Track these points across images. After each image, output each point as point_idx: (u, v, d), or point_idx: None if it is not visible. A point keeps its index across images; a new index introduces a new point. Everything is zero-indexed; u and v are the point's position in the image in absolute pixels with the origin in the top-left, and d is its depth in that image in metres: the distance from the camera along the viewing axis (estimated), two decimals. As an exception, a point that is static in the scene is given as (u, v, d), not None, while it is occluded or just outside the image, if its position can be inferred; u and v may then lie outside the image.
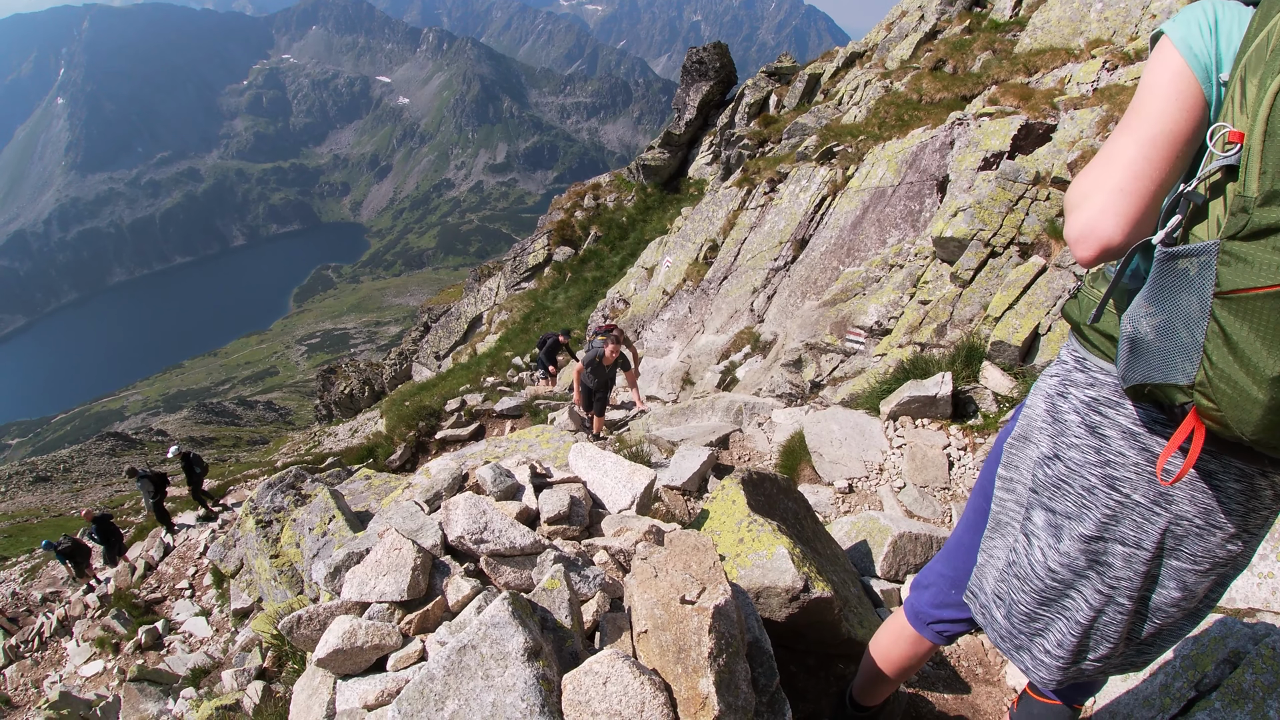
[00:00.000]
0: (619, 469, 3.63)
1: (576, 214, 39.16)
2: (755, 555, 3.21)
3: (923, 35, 25.35)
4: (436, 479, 3.34)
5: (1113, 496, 2.01)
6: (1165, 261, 1.69)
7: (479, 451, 4.43)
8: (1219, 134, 1.65)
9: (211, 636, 13.88)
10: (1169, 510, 1.97)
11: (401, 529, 2.75)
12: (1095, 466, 2.02)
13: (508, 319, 34.65)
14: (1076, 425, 2.05)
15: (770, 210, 20.31)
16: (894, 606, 4.53)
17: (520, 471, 3.34)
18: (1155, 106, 1.78)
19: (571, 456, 3.80)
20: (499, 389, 20.41)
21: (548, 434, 4.49)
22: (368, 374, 52.20)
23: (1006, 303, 9.13)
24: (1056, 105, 14.17)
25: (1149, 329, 1.74)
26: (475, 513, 2.73)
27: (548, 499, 3.15)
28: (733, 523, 3.47)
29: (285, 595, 5.30)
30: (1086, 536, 2.06)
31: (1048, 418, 2.14)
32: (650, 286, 25.36)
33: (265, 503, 6.43)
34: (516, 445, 4.41)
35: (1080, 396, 2.05)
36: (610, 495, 3.55)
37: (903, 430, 8.20)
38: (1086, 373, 2.05)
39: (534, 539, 2.71)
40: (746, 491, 3.64)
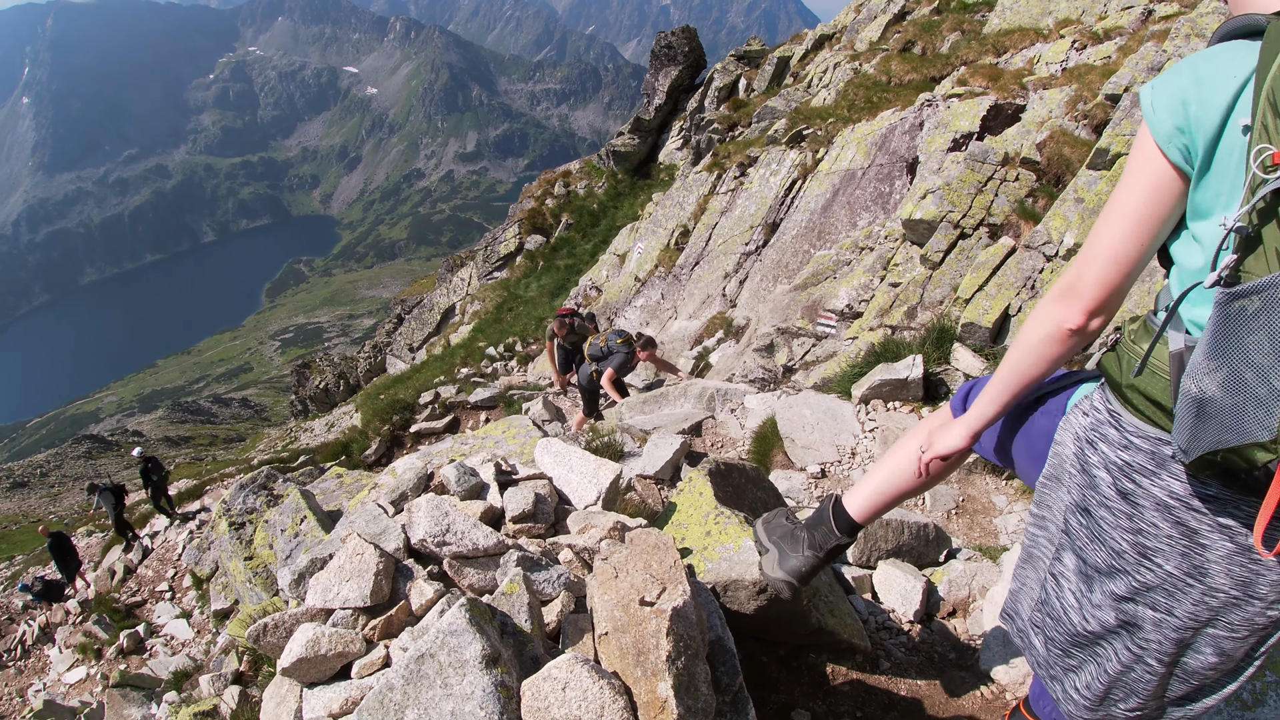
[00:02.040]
0: (584, 464, 3.60)
1: (547, 202, 39.02)
2: (722, 548, 3.20)
3: (892, 16, 25.36)
4: (402, 479, 3.31)
5: (1144, 564, 1.94)
6: (1226, 304, 1.60)
7: (445, 449, 4.40)
8: (1261, 156, 1.59)
9: (193, 638, 13.86)
10: (1202, 583, 1.90)
11: (364, 533, 2.72)
12: (1127, 533, 1.95)
13: (481, 309, 34.54)
14: (1107, 487, 1.98)
15: (741, 194, 20.30)
16: (865, 593, 4.53)
17: (485, 469, 3.31)
18: (1130, 202, 1.88)
19: (537, 452, 3.77)
20: (473, 380, 20.34)
21: (514, 429, 4.46)
22: (342, 368, 51.95)
23: (976, 284, 9.16)
24: (1025, 85, 14.21)
25: (1215, 386, 1.62)
26: (437, 515, 2.70)
27: (512, 497, 3.13)
28: (700, 515, 3.45)
29: (261, 597, 5.27)
30: (1117, 595, 2.00)
31: (1077, 465, 2.07)
32: (622, 273, 25.32)
33: (238, 504, 6.38)
34: (483, 442, 4.38)
35: (1113, 457, 1.97)
36: (576, 491, 3.52)
37: (874, 414, 8.23)
38: (1121, 431, 1.96)
39: (497, 539, 2.68)
40: (714, 483, 3.63)
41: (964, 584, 4.61)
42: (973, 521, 6.98)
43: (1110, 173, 8.76)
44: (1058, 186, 10.35)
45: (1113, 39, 14.43)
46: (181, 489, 25.86)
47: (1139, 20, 14.64)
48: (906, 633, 4.28)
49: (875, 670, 3.83)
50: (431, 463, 3.71)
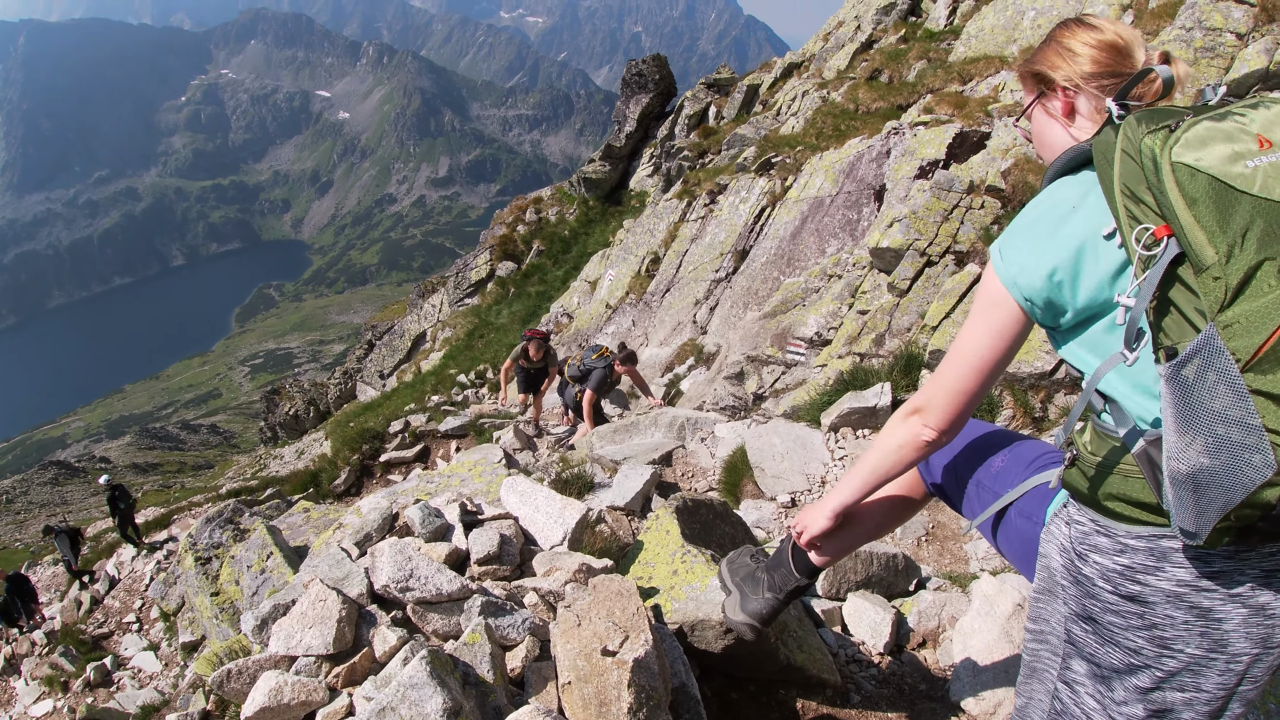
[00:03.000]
0: (550, 503, 3.59)
1: (519, 228, 39.05)
2: (689, 588, 3.19)
3: (859, 45, 25.58)
4: (366, 519, 3.29)
5: (1164, 655, 1.93)
6: (1174, 377, 1.63)
7: (411, 489, 4.37)
8: (1143, 237, 1.68)
9: (161, 671, 13.66)
10: (1224, 653, 1.89)
11: (327, 578, 2.70)
12: (1141, 630, 1.93)
13: (452, 336, 34.46)
14: (1109, 594, 1.96)
15: (711, 222, 20.38)
16: (835, 626, 4.53)
17: (450, 510, 3.30)
18: (974, 345, 2.08)
19: (503, 491, 3.75)
20: (443, 408, 20.26)
21: (481, 466, 4.44)
22: (312, 394, 51.59)
23: (943, 311, 9.22)
24: (990, 113, 14.35)
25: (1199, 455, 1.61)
26: (400, 560, 2.68)
27: (478, 538, 3.11)
28: (667, 554, 3.44)
29: (227, 633, 5.22)
30: (1142, 689, 1.98)
31: (1069, 577, 2.06)
32: (593, 300, 25.34)
33: (204, 539, 6.33)
34: (449, 480, 4.36)
35: (1109, 565, 1.95)
36: (542, 531, 3.51)
37: (844, 442, 8.26)
38: (1112, 538, 1.95)
39: (460, 584, 2.66)
40: (681, 520, 3.63)
41: (933, 614, 4.62)
42: (943, 548, 6.99)
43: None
44: (1023, 214, 10.42)
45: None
46: (149, 518, 25.56)
47: (1102, 49, 14.80)
48: (876, 665, 4.27)
49: (846, 704, 3.82)
50: (397, 502, 3.69)
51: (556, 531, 3.45)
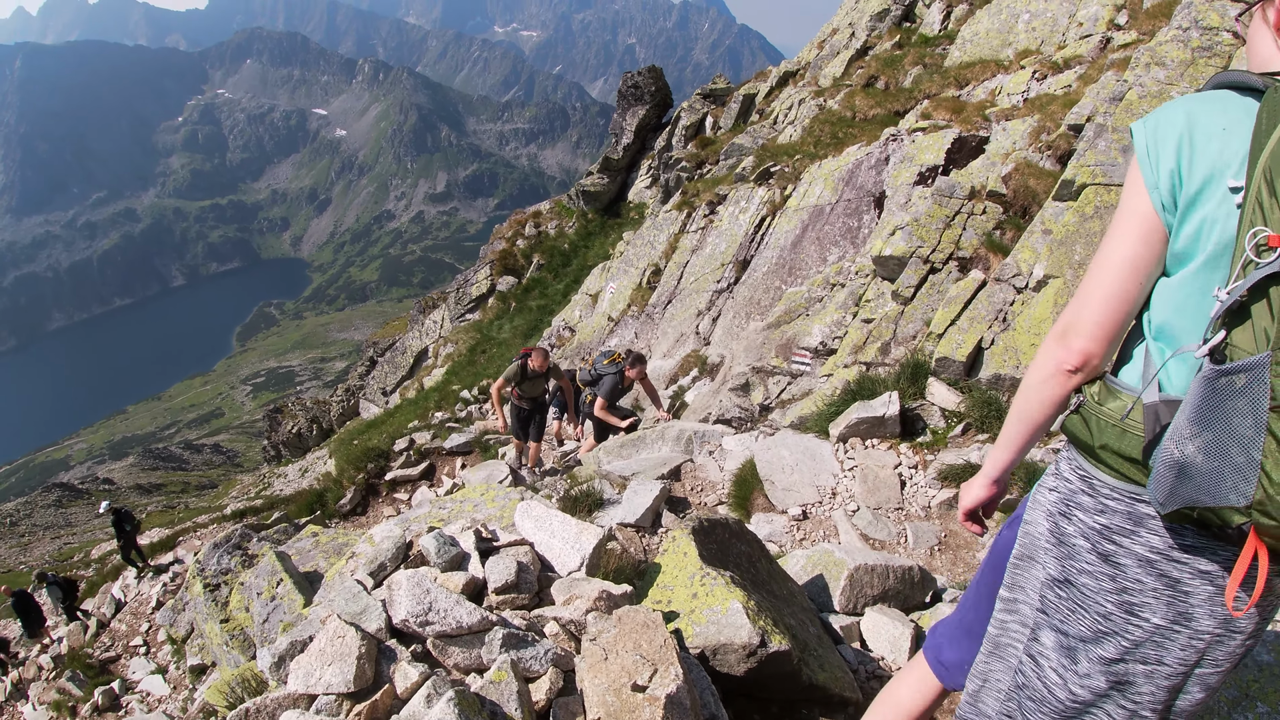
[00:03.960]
0: (566, 528, 3.54)
1: (518, 242, 39.05)
2: (709, 611, 3.15)
3: (854, 52, 25.62)
4: (380, 548, 3.24)
5: (1131, 622, 1.96)
6: (1214, 379, 1.66)
7: (423, 515, 4.32)
8: (1256, 239, 1.63)
9: (169, 695, 13.57)
10: (1188, 627, 1.93)
11: (344, 612, 2.65)
12: (1111, 594, 1.97)
13: (454, 351, 34.42)
14: (1087, 552, 2.00)
15: (711, 232, 20.37)
16: (854, 642, 4.50)
17: (465, 538, 3.25)
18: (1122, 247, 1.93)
19: (517, 516, 3.70)
20: (448, 425, 20.22)
21: (493, 491, 4.39)
22: (315, 412, 51.53)
23: (949, 319, 9.19)
24: (988, 117, 14.34)
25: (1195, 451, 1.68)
26: (419, 593, 2.64)
27: (494, 567, 3.06)
28: (685, 576, 3.40)
29: (238, 660, 5.18)
30: (1106, 659, 2.01)
31: (1052, 539, 2.08)
32: (595, 313, 25.32)
33: (212, 565, 6.29)
34: (461, 506, 4.31)
35: (1089, 522, 1.99)
36: (558, 557, 3.46)
37: (853, 452, 8.21)
38: (1095, 496, 1.99)
39: (481, 616, 2.62)
40: (697, 541, 3.59)
41: (951, 628, 4.58)
42: (956, 557, 6.96)
43: (1076, 204, 8.82)
44: (1024, 218, 10.42)
45: (1073, 68, 14.59)
46: (154, 539, 25.49)
47: (1098, 49, 14.83)
48: (896, 681, 4.24)
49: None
50: (410, 529, 3.65)
51: (573, 557, 3.40)
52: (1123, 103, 9.22)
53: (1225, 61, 8.97)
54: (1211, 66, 9.00)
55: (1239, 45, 8.94)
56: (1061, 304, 8.23)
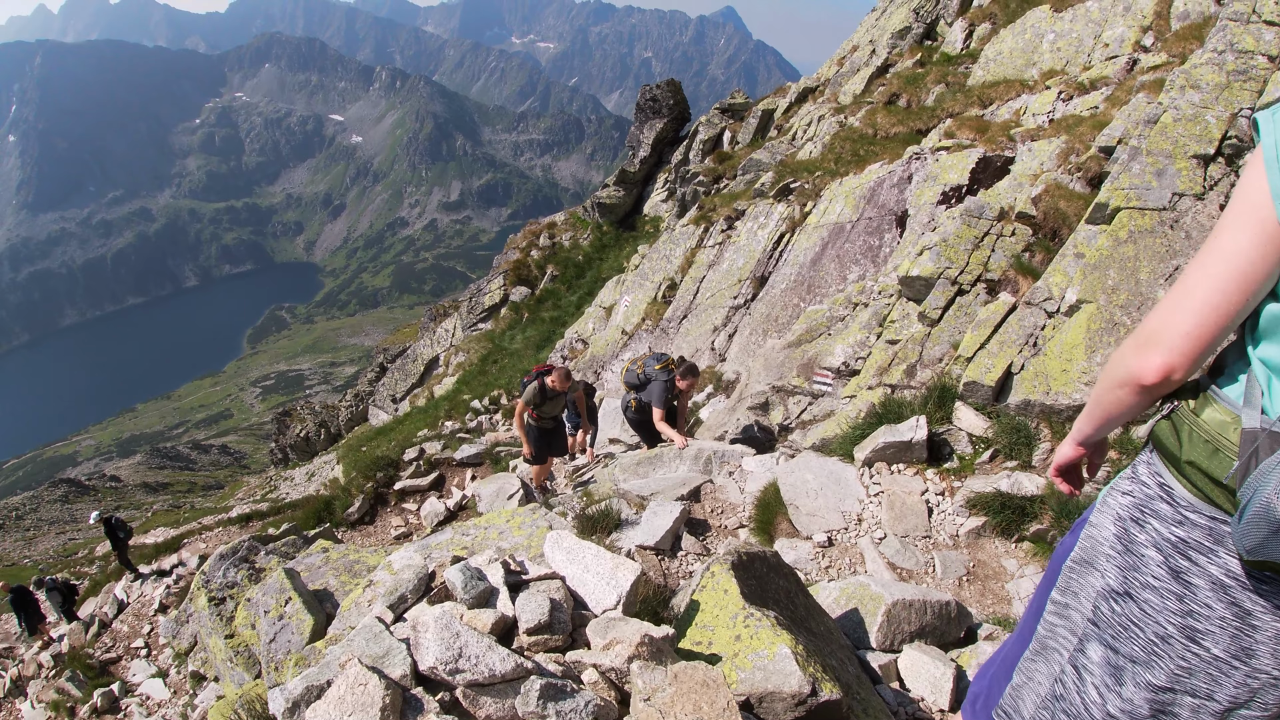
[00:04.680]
0: (600, 563, 3.31)
1: (532, 253, 38.95)
2: (755, 655, 2.94)
3: (875, 70, 25.46)
4: (400, 578, 3.03)
5: (1190, 649, 1.78)
6: None
7: (445, 541, 4.11)
8: None
9: (169, 699, 13.44)
10: (1248, 664, 1.75)
11: (365, 655, 2.44)
12: (1175, 615, 1.79)
13: (465, 360, 34.29)
14: (1157, 565, 1.81)
15: (729, 248, 20.21)
16: (892, 681, 4.29)
17: (493, 571, 3.03)
18: (1235, 249, 1.67)
19: (547, 547, 3.47)
20: (458, 436, 20.05)
21: (519, 518, 4.19)
22: (323, 416, 51.55)
23: (978, 342, 8.97)
24: (1013, 137, 14.15)
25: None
26: (448, 637, 2.43)
27: (526, 604, 2.85)
28: (727, 616, 3.18)
29: (243, 678, 5.00)
30: (1155, 686, 1.82)
31: (1118, 545, 1.89)
32: (609, 326, 25.16)
33: (218, 578, 6.10)
34: (486, 533, 4.09)
35: (1164, 533, 1.80)
36: (593, 593, 3.23)
37: (879, 477, 8.00)
38: (1174, 506, 1.79)
39: (515, 663, 2.41)
40: (738, 578, 3.36)
41: (992, 669, 4.37)
42: (985, 588, 6.76)
43: (1110, 228, 8.61)
44: (1054, 241, 10.22)
45: (1099, 89, 14.40)
46: (159, 539, 25.41)
47: (1124, 70, 14.65)
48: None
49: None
50: (432, 557, 3.44)
51: (609, 594, 3.17)
52: (1157, 125, 9.02)
53: (1261, 85, 8.79)
54: (1247, 91, 8.82)
55: (1274, 69, 8.80)
56: (1095, 329, 8.03)
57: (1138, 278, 8.06)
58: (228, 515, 29.30)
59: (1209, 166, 8.42)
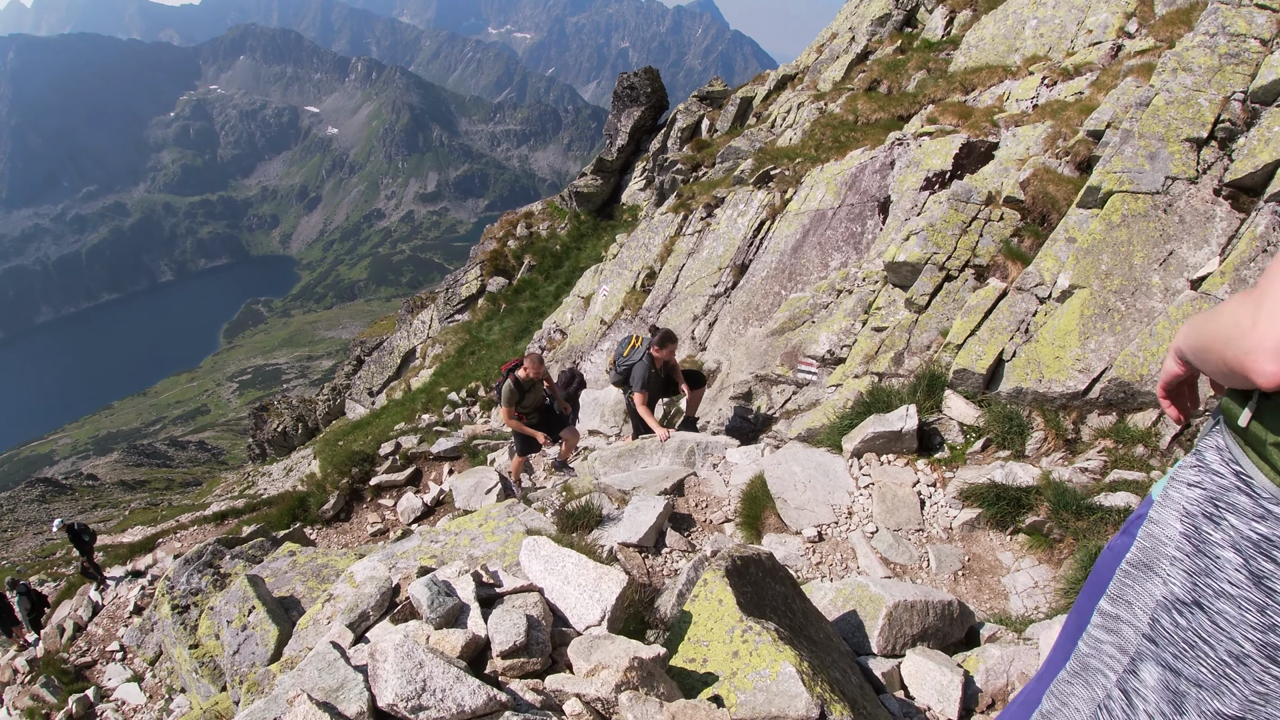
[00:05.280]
0: (582, 573, 2.97)
1: (509, 243, 38.63)
2: (756, 675, 2.64)
3: (854, 57, 25.24)
4: (362, 592, 2.72)
5: (1272, 671, 1.47)
6: None
7: (412, 549, 3.79)
8: None
9: (145, 704, 13.16)
10: None
11: (317, 689, 2.13)
12: (1254, 630, 1.48)
13: (442, 353, 33.97)
14: (1235, 569, 1.50)
15: (708, 236, 19.93)
16: (896, 690, 4.03)
17: (463, 584, 2.72)
18: None
19: (523, 556, 3.13)
20: (435, 429, 19.72)
21: (493, 521, 3.87)
22: (300, 411, 51.12)
23: (968, 329, 8.73)
24: (997, 122, 13.94)
25: None
26: (409, 667, 2.12)
27: (499, 622, 2.54)
28: (722, 630, 2.88)
29: (209, 690, 4.71)
30: (1225, 716, 1.51)
31: (1187, 546, 1.58)
32: (587, 316, 24.86)
33: (181, 584, 5.81)
34: (456, 539, 3.76)
35: (1244, 531, 1.49)
36: (574, 607, 2.91)
37: (868, 468, 7.77)
38: (1255, 499, 1.49)
39: (486, 696, 2.10)
40: (733, 586, 3.06)
41: (1001, 671, 4.13)
42: (981, 583, 6.56)
43: (1102, 212, 8.39)
44: (1043, 226, 10.00)
45: (1083, 75, 14.21)
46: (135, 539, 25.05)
47: (1108, 56, 14.46)
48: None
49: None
50: (397, 567, 3.14)
51: (592, 609, 2.85)
52: (1149, 108, 8.81)
53: (1253, 69, 8.60)
54: (1239, 74, 8.64)
55: (1266, 53, 8.63)
56: (1088, 315, 7.81)
57: (1131, 262, 7.85)
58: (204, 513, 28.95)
59: (1202, 150, 8.23)
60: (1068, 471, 7.05)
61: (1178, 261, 7.67)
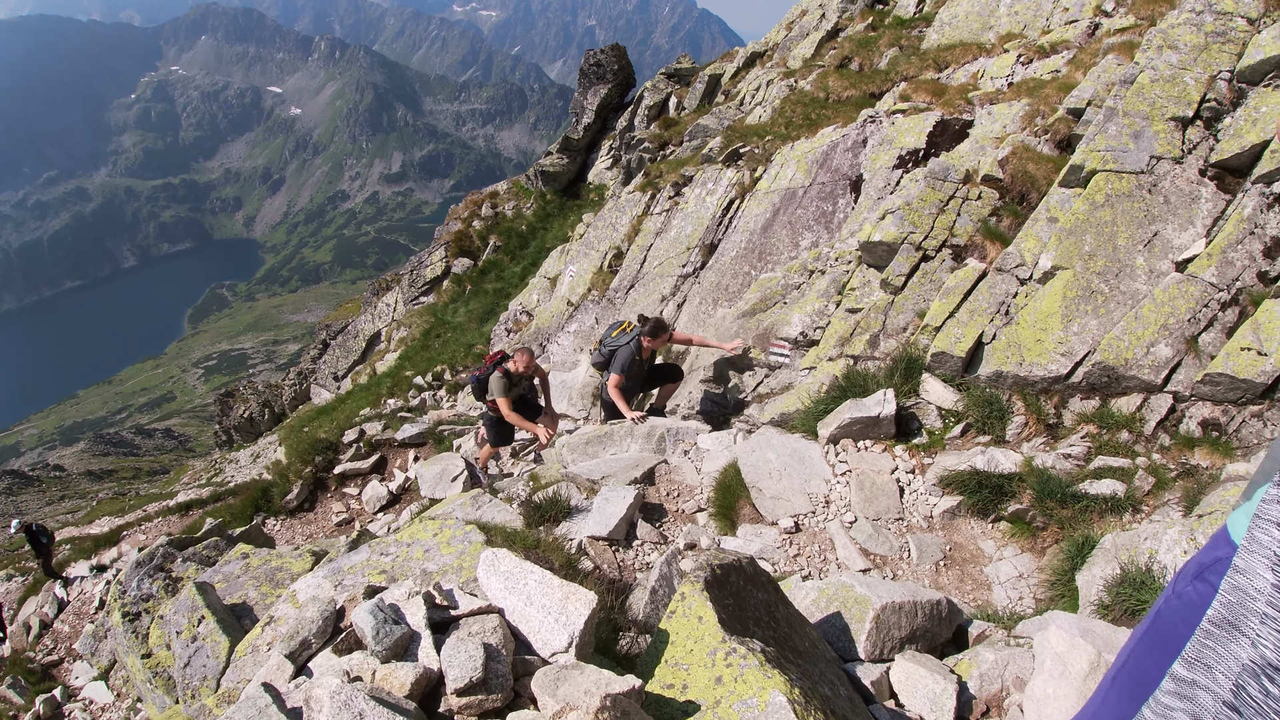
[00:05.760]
0: (546, 593, 2.65)
1: (474, 224, 38.17)
2: (742, 705, 2.36)
3: (825, 34, 24.97)
4: (304, 615, 2.43)
5: None
6: None
7: (360, 563, 3.47)
8: None
9: (113, 703, 12.89)
10: None
11: (238, 747, 1.84)
12: None
13: (407, 336, 33.56)
14: None
15: (676, 215, 19.64)
16: (886, 699, 3.79)
17: (413, 609, 2.42)
18: None
19: (481, 572, 2.80)
20: (400, 415, 19.36)
21: (448, 531, 3.55)
22: (267, 396, 50.55)
23: (946, 311, 8.52)
24: (971, 100, 13.74)
25: None
26: (348, 719, 1.83)
27: (454, 654, 2.24)
28: (703, 652, 2.60)
29: (164, 701, 4.43)
30: None
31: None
32: (554, 297, 24.53)
33: (132, 589, 5.51)
34: (409, 552, 3.45)
35: None
36: (538, 631, 2.60)
37: (845, 455, 7.55)
38: None
39: (436, 752, 1.83)
40: (713, 599, 2.76)
41: (996, 676, 3.92)
42: (963, 573, 6.37)
43: (1086, 191, 8.19)
44: (1022, 205, 9.81)
45: (1060, 53, 14.04)
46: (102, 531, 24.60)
47: (1085, 34, 14.30)
48: (940, 747, 3.57)
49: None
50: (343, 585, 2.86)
51: (559, 634, 2.55)
52: (1134, 86, 8.63)
53: (1240, 48, 8.47)
54: (1225, 53, 8.50)
55: (1254, 32, 8.50)
56: (1071, 297, 7.62)
57: (1115, 243, 7.67)
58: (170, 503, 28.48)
59: (1188, 129, 8.07)
60: (1050, 458, 6.86)
61: (1163, 243, 7.49)
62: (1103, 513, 6.22)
